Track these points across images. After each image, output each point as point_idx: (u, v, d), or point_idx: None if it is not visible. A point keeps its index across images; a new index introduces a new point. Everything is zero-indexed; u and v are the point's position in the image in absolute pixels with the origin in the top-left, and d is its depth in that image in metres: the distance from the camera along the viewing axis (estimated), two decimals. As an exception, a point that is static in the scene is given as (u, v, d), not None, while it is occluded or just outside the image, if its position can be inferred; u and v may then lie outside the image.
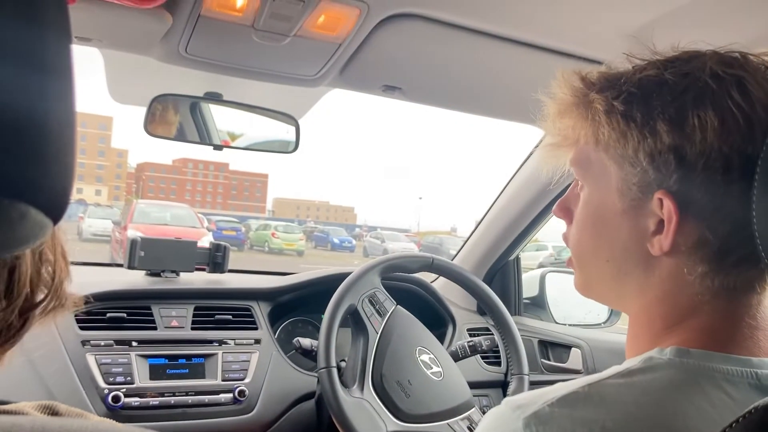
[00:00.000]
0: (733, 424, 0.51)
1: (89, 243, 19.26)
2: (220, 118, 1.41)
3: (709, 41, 0.65)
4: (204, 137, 1.39)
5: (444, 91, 1.35)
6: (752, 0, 0.93)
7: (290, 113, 1.47)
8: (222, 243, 1.70)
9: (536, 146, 1.66)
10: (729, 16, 0.96)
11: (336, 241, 34.20)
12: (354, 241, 35.63)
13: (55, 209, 0.34)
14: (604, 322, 2.02)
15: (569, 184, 0.74)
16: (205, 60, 1.20)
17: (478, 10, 1.04)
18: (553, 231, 2.02)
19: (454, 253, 2.05)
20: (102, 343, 1.41)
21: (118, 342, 1.43)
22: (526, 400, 0.58)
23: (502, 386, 1.79)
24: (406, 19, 1.06)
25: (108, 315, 1.46)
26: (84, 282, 1.60)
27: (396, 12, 1.05)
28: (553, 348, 1.83)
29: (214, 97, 1.37)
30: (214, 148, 1.40)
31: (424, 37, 1.11)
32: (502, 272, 1.97)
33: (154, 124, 1.30)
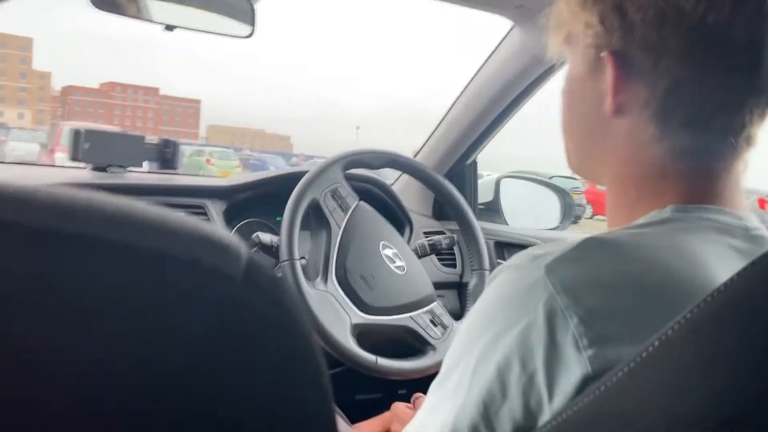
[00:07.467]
0: (742, 272, 0.50)
1: (13, 167, 18.35)
2: (170, -6, 1.30)
3: None
4: (151, 14, 1.28)
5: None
6: None
7: (246, -6, 1.36)
8: (171, 139, 1.61)
9: (501, 41, 1.61)
10: None
11: (273, 169, 33.49)
12: (292, 169, 35.00)
13: None
14: (556, 227, 2.04)
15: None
16: None
17: None
18: (487, 158, 2.00)
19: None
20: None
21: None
22: (543, 250, 0.56)
23: (457, 287, 1.80)
24: None
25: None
26: (21, 176, 1.49)
27: None
28: (509, 249, 1.84)
29: (164, -31, 1.25)
30: (165, 28, 1.29)
31: None
32: (458, 177, 1.94)
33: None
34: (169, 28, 1.29)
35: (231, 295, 0.27)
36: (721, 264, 0.55)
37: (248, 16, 1.38)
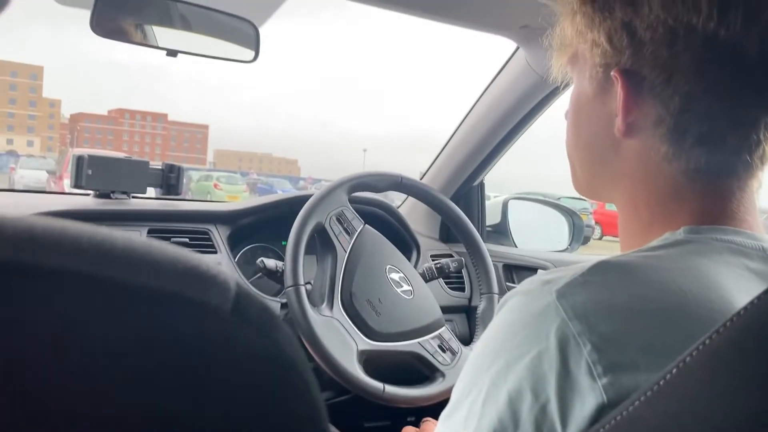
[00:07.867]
0: (761, 296, 0.48)
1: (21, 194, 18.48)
2: (173, 20, 1.30)
3: None
4: (155, 40, 1.28)
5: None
6: None
7: (250, 19, 1.36)
8: (176, 164, 1.60)
9: (506, 62, 1.60)
10: None
11: (280, 193, 33.56)
12: (299, 193, 35.14)
13: None
14: (565, 249, 2.02)
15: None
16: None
17: None
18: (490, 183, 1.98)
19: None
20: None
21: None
22: (554, 274, 0.54)
23: (466, 311, 1.77)
24: None
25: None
26: (23, 203, 1.49)
27: None
28: (518, 271, 1.81)
29: (167, -5, 1.25)
30: (167, 54, 1.29)
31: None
32: (465, 198, 1.93)
33: (101, 21, 1.18)
34: (172, 53, 1.30)
35: (218, 328, 0.25)
36: (737, 287, 0.53)
37: (252, 41, 1.38)
